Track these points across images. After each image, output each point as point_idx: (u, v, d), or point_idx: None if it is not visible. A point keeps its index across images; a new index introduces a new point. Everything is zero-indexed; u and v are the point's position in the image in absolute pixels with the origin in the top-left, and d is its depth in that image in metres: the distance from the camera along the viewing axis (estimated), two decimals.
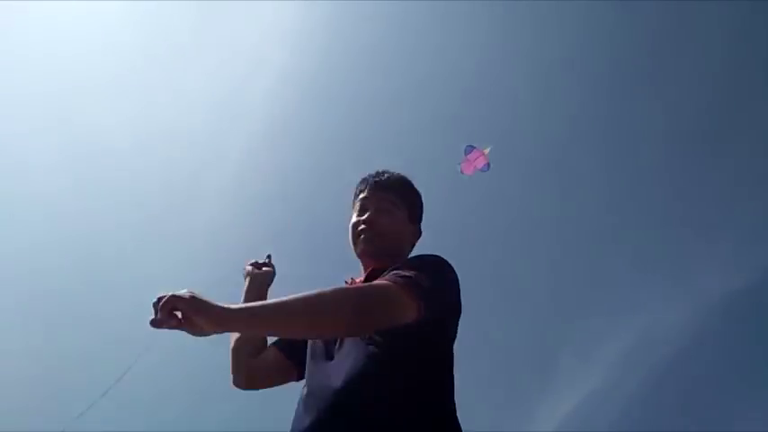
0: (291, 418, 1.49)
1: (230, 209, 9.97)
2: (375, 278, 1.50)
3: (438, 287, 1.45)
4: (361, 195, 1.79)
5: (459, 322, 1.60)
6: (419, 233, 1.81)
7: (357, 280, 1.72)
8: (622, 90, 9.57)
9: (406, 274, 1.41)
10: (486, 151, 7.25)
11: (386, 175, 1.79)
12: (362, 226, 1.72)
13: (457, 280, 1.58)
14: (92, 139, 9.71)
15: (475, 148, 7.24)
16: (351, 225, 1.78)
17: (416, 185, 1.84)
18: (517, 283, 10.17)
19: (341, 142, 10.11)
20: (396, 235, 1.72)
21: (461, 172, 7.47)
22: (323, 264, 10.22)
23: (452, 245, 10.15)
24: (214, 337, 1.29)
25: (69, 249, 9.66)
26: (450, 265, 1.59)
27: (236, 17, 9.64)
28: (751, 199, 9.32)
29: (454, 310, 1.55)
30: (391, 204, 1.73)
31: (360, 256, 1.75)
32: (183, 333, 1.29)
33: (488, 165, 7.40)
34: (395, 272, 1.44)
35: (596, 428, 9.32)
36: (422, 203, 1.83)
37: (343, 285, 1.56)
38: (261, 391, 1.82)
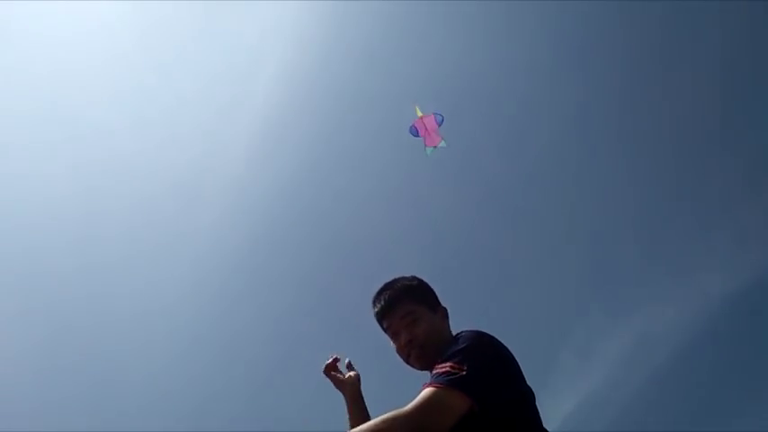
0: None
1: (232, 209, 10.00)
2: None
3: (477, 369, 1.54)
4: (385, 325, 1.88)
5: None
6: (444, 311, 1.91)
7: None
8: (624, 90, 9.58)
9: (445, 369, 1.54)
10: (420, 113, 6.53)
11: (385, 294, 1.89)
12: (406, 349, 1.82)
13: (497, 347, 1.66)
14: (93, 141, 9.73)
15: (413, 125, 6.57)
16: (397, 353, 1.87)
17: (415, 277, 1.95)
18: (517, 282, 10.18)
19: (341, 141, 10.13)
20: (432, 335, 1.81)
21: (433, 147, 6.81)
22: (327, 260, 10.26)
23: (453, 243, 10.17)
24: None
25: (72, 253, 9.68)
26: (485, 338, 1.67)
27: (236, 17, 9.65)
28: (751, 199, 9.33)
29: (502, 379, 1.60)
30: (410, 314, 1.83)
31: (420, 370, 1.84)
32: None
33: (437, 116, 6.64)
34: (437, 367, 1.57)
35: (596, 428, 9.33)
36: (428, 287, 1.93)
37: (394, 412, 1.56)
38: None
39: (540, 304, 9.84)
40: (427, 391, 1.52)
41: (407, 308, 1.83)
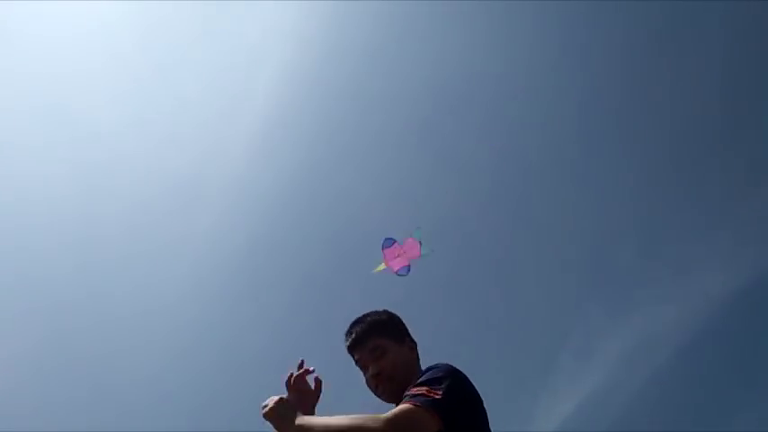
0: None
1: (233, 209, 10.00)
2: None
3: (450, 396, 1.66)
4: (356, 358, 2.00)
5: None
6: (412, 344, 2.03)
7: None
8: (623, 89, 9.58)
9: (421, 391, 1.66)
10: (414, 240, 4.43)
11: (356, 328, 2.01)
12: (375, 382, 1.94)
13: (465, 381, 1.79)
14: (93, 141, 9.73)
15: (395, 241, 4.50)
16: (366, 384, 1.99)
17: (386, 311, 2.06)
18: (517, 282, 10.18)
19: (342, 141, 10.13)
20: (398, 367, 1.93)
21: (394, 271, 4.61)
22: (328, 261, 10.25)
23: (453, 243, 10.17)
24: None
25: (72, 253, 9.68)
26: (456, 371, 1.78)
27: (236, 16, 9.65)
28: (752, 198, 9.32)
29: (469, 409, 1.73)
30: (378, 348, 1.95)
31: (387, 402, 1.94)
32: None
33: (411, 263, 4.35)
34: (412, 390, 1.68)
35: (597, 428, 9.33)
36: (397, 321, 2.05)
37: (373, 415, 1.67)
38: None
39: (540, 304, 9.85)
40: (403, 407, 1.62)
41: (376, 342, 1.95)
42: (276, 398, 1.80)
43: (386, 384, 1.91)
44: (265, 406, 1.79)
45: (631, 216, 9.96)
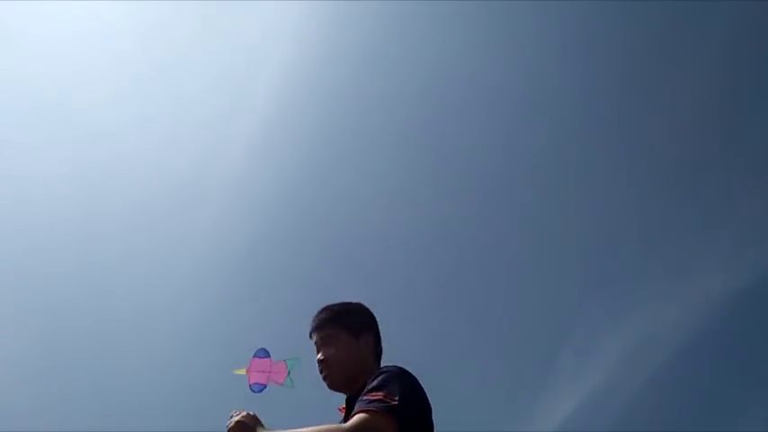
0: None
1: (233, 209, 9.99)
2: (351, 404, 1.83)
3: (406, 401, 1.73)
4: (313, 341, 2.11)
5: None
6: (371, 341, 2.07)
7: (341, 408, 2.00)
8: (623, 89, 9.58)
9: (378, 397, 1.71)
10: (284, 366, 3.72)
11: (321, 314, 2.11)
12: (319, 367, 2.05)
13: (417, 385, 1.85)
14: (92, 141, 9.72)
15: (268, 356, 3.78)
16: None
17: (359, 303, 2.13)
18: (517, 281, 10.18)
19: (342, 141, 10.12)
20: (347, 361, 2.00)
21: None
22: (328, 261, 10.25)
23: (453, 242, 10.17)
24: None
25: (72, 253, 9.67)
26: (409, 375, 1.86)
27: (237, 16, 9.65)
28: (753, 197, 9.32)
29: (421, 414, 1.81)
30: (330, 337, 2.04)
31: (329, 388, 2.06)
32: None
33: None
34: (368, 395, 1.74)
35: (597, 428, 9.32)
36: (365, 316, 2.11)
37: (335, 426, 1.77)
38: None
39: (540, 304, 9.84)
40: (362, 416, 1.68)
41: (330, 330, 2.04)
42: (243, 413, 1.89)
43: (328, 372, 2.00)
44: (231, 420, 1.87)
45: (631, 216, 9.96)
